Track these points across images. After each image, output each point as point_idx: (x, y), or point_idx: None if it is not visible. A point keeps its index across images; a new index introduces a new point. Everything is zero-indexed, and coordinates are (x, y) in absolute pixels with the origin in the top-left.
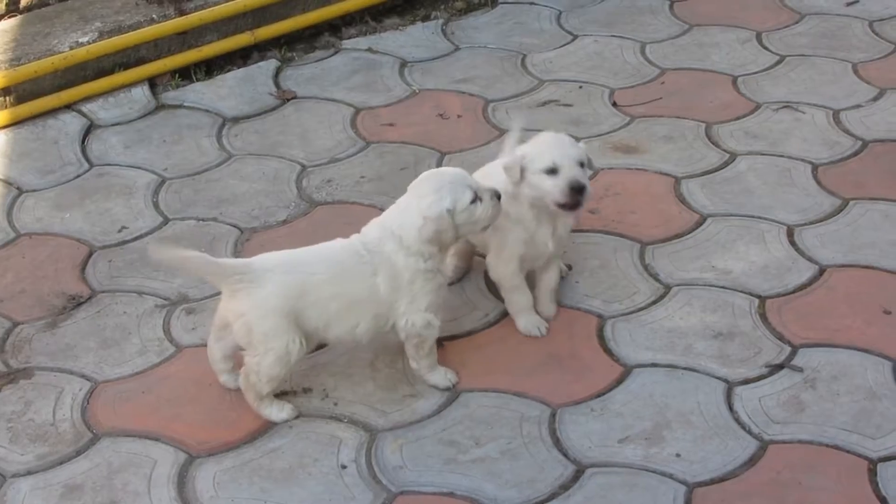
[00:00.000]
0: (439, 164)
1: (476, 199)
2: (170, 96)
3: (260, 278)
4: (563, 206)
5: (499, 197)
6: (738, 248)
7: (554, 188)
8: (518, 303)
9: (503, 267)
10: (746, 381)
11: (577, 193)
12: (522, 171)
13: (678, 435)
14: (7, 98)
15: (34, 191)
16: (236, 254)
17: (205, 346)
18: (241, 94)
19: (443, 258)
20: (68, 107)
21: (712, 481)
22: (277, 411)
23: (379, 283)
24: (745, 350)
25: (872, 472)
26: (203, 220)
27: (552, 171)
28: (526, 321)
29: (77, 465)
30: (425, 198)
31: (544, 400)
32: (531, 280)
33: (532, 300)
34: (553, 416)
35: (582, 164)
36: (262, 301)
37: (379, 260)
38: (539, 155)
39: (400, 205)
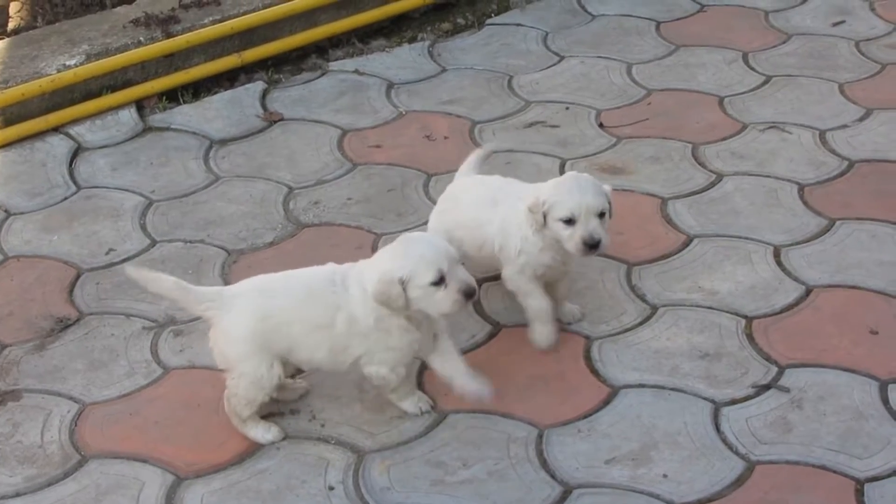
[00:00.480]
0: (426, 186)
1: (440, 282)
2: (157, 118)
3: (227, 304)
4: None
5: (469, 296)
6: (725, 269)
7: (569, 240)
8: (535, 308)
9: (516, 273)
10: (733, 402)
11: (590, 248)
12: (545, 217)
13: (665, 455)
14: None
15: (22, 213)
16: (224, 276)
17: (192, 367)
18: (229, 116)
19: (399, 317)
20: (56, 129)
21: (699, 502)
22: (263, 432)
23: (339, 319)
24: (732, 370)
25: (860, 493)
26: (190, 242)
27: (569, 222)
28: (540, 331)
29: (65, 487)
30: (388, 260)
31: (532, 421)
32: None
33: (550, 305)
34: (540, 437)
35: (602, 214)
36: (229, 327)
37: (345, 298)
38: (559, 203)
39: (376, 255)
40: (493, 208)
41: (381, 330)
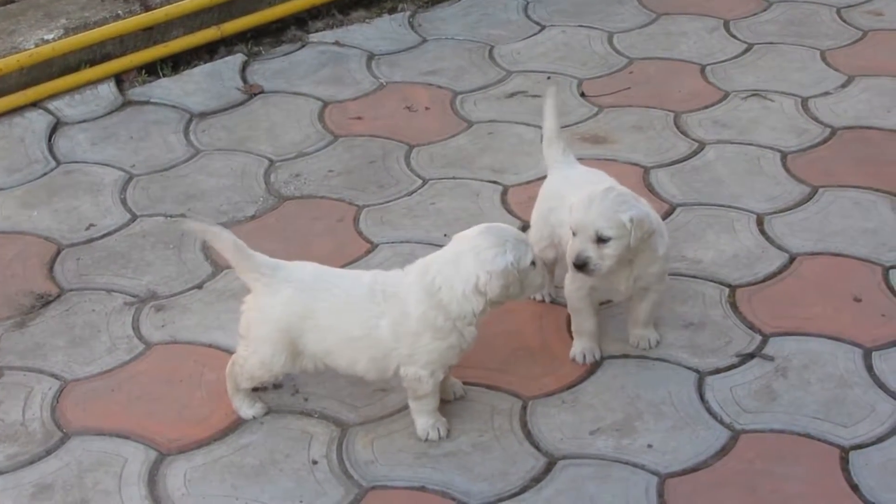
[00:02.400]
0: (407, 158)
1: (534, 262)
2: (136, 92)
3: (275, 286)
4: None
5: (580, 266)
6: (708, 238)
7: (570, 250)
8: (578, 325)
9: (571, 287)
10: (717, 371)
11: (577, 267)
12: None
13: (650, 426)
14: None
15: (1, 189)
16: (205, 250)
17: (174, 343)
18: (208, 89)
19: (474, 320)
20: (34, 104)
21: (684, 472)
22: (247, 408)
23: (383, 326)
24: (715, 340)
25: (844, 460)
26: (171, 216)
27: (574, 233)
28: (577, 345)
29: (47, 464)
30: (485, 251)
31: (515, 392)
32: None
33: (596, 327)
34: (524, 408)
35: (602, 239)
36: (267, 307)
37: (392, 304)
38: (573, 214)
39: (447, 255)
40: None
41: (442, 330)
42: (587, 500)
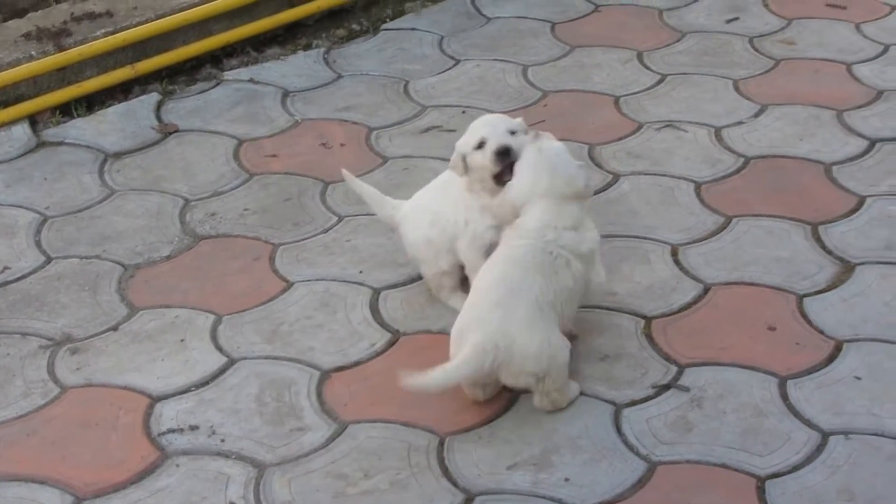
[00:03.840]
0: (323, 195)
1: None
2: (50, 133)
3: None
4: (497, 179)
5: (500, 154)
6: (623, 270)
7: (483, 159)
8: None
9: (474, 238)
10: (633, 403)
11: (502, 158)
12: (464, 159)
13: (567, 459)
14: None
15: None
16: (120, 291)
17: (89, 386)
18: (123, 128)
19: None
20: None
21: None
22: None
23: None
24: (631, 371)
25: (761, 490)
26: (86, 258)
27: (481, 146)
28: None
29: None
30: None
31: (432, 429)
32: None
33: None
34: (441, 444)
35: (513, 132)
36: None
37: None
38: (469, 136)
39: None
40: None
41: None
42: None
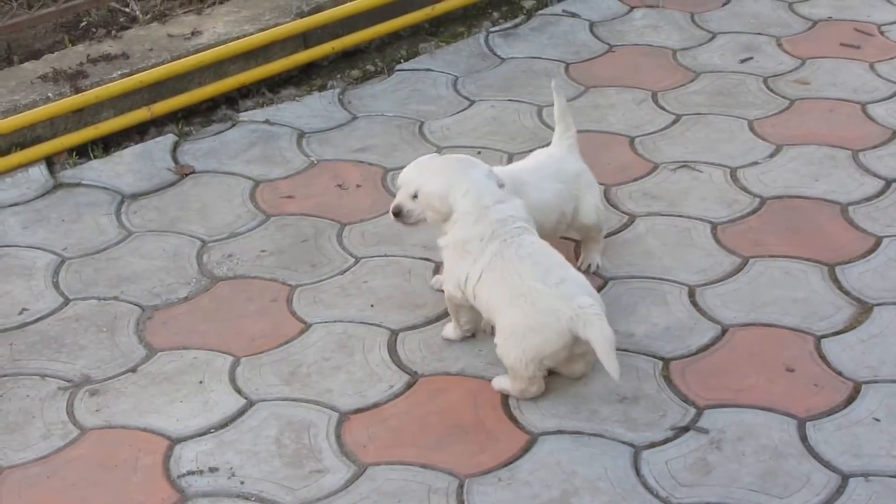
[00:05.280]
0: (339, 236)
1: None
2: (67, 175)
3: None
4: None
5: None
6: (640, 311)
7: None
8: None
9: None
10: (653, 445)
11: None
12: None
13: (586, 502)
14: None
15: None
16: (139, 333)
17: (109, 427)
18: (139, 170)
19: None
20: None
21: None
22: None
23: None
24: (650, 413)
25: None
26: (104, 299)
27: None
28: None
29: None
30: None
31: (452, 471)
32: None
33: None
34: (461, 487)
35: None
36: None
37: None
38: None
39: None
40: None
41: None
42: None
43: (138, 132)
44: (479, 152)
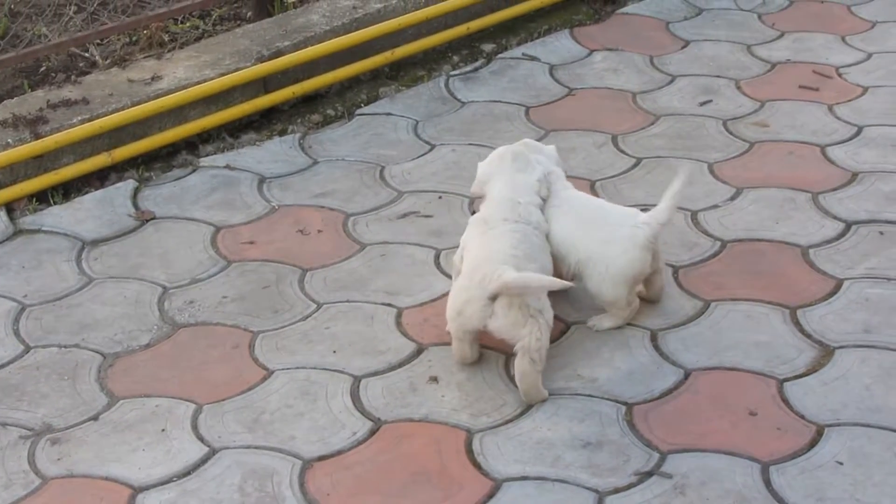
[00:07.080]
0: (301, 282)
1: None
2: (27, 221)
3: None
4: None
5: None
6: (603, 355)
7: None
8: None
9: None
10: (617, 490)
11: None
12: None
13: None
14: None
15: None
16: (100, 380)
17: (71, 477)
18: (100, 216)
19: None
20: None
21: None
22: None
23: None
24: (614, 458)
25: None
26: (65, 346)
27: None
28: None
29: None
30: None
31: None
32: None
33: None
34: None
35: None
36: None
37: None
38: None
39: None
40: None
41: None
42: None
43: (99, 178)
44: (441, 196)
